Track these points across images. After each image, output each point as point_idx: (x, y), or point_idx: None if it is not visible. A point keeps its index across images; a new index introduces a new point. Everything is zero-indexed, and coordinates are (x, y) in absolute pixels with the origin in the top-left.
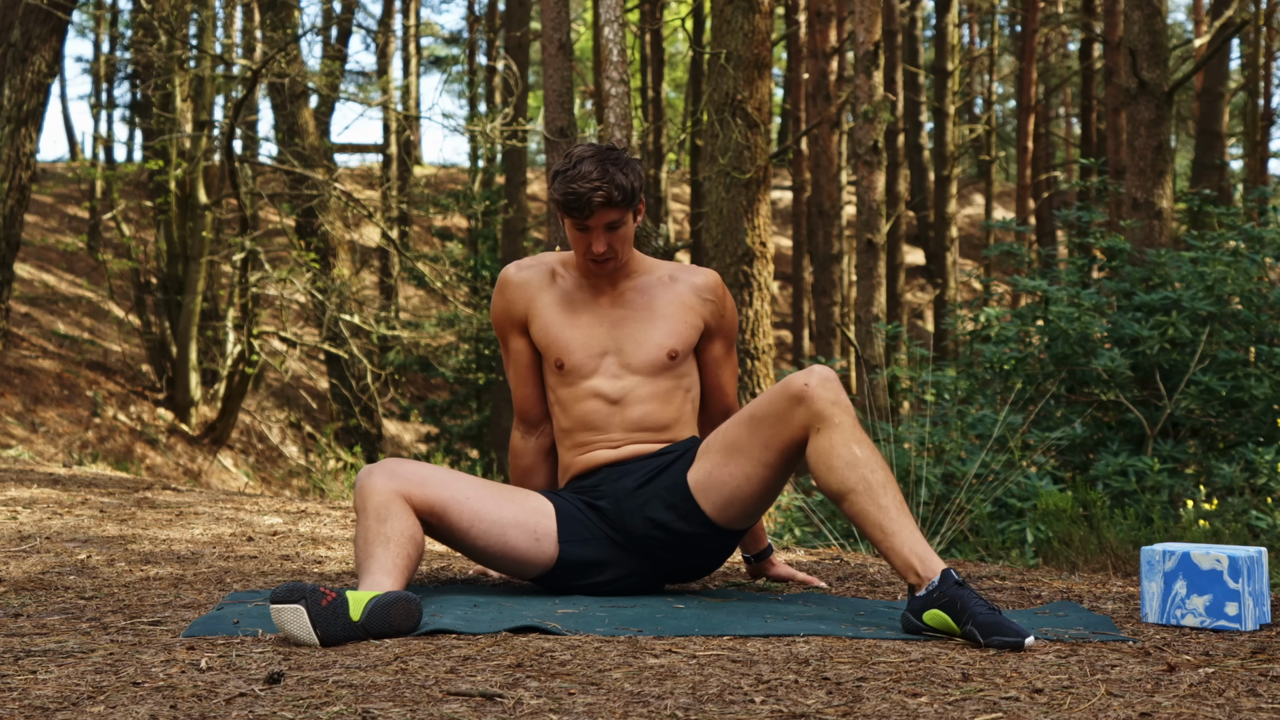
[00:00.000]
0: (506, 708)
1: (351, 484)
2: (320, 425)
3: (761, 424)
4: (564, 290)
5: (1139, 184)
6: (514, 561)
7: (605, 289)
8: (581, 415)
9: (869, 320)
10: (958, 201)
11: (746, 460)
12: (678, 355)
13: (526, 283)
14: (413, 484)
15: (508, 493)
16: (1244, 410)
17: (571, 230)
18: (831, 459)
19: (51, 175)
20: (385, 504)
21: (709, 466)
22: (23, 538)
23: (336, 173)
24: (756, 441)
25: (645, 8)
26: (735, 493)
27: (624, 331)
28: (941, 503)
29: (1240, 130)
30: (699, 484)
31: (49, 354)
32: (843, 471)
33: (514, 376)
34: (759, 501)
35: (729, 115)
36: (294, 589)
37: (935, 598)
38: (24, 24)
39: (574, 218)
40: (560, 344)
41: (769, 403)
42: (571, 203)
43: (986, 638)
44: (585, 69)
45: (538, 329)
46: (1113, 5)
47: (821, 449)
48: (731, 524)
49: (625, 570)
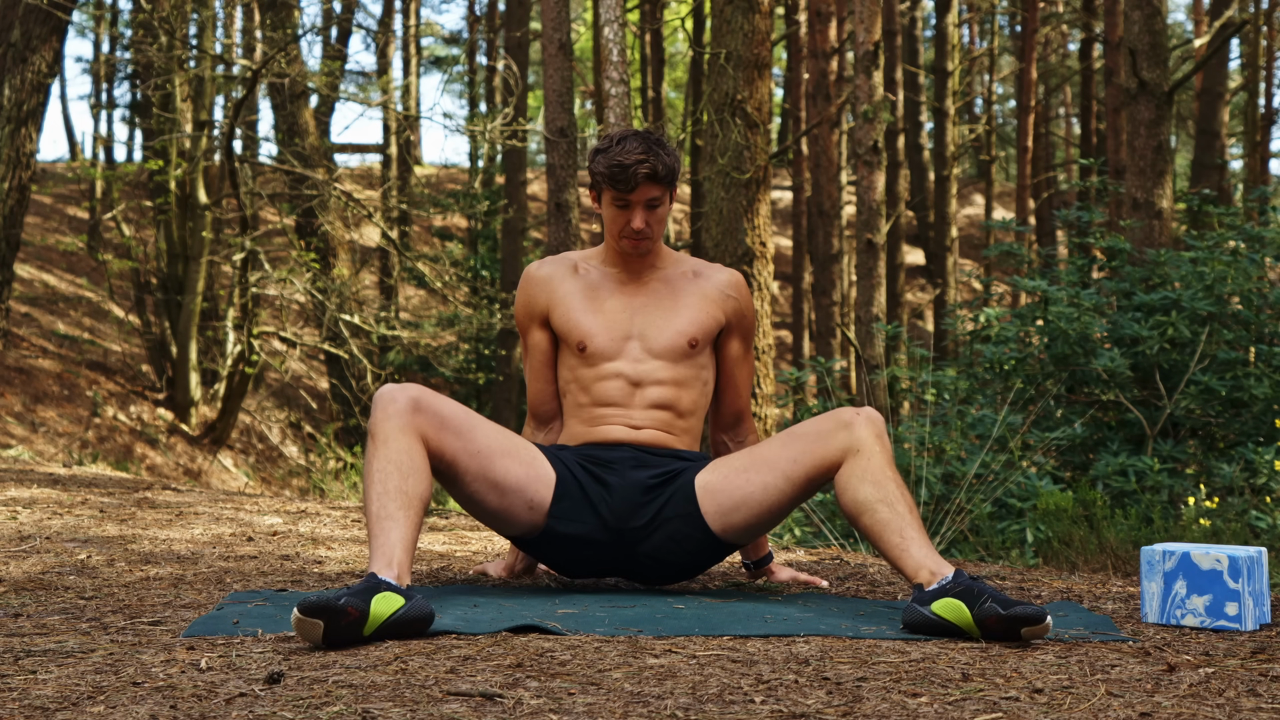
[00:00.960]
0: (506, 708)
1: (352, 484)
2: (320, 425)
3: (798, 440)
4: (587, 280)
5: (1139, 184)
6: (500, 522)
7: (629, 278)
8: (602, 393)
9: (869, 320)
10: (958, 201)
11: (769, 471)
12: (698, 344)
13: (549, 277)
14: (431, 426)
15: (515, 452)
16: (1244, 410)
17: (610, 207)
18: (860, 479)
19: (51, 175)
20: (408, 450)
21: (725, 471)
22: (23, 538)
23: (336, 173)
24: (786, 455)
25: (645, 8)
26: (745, 499)
27: (646, 318)
28: (941, 503)
29: (1240, 130)
30: (706, 485)
31: (49, 354)
32: (868, 489)
33: (530, 371)
34: (764, 515)
35: (729, 115)
36: (324, 606)
37: (949, 588)
38: (24, 24)
39: (617, 189)
40: (583, 328)
41: (812, 423)
42: (616, 174)
43: (1008, 609)
44: (585, 69)
45: (559, 317)
46: (1113, 5)
47: (853, 470)
48: (727, 532)
49: (603, 556)
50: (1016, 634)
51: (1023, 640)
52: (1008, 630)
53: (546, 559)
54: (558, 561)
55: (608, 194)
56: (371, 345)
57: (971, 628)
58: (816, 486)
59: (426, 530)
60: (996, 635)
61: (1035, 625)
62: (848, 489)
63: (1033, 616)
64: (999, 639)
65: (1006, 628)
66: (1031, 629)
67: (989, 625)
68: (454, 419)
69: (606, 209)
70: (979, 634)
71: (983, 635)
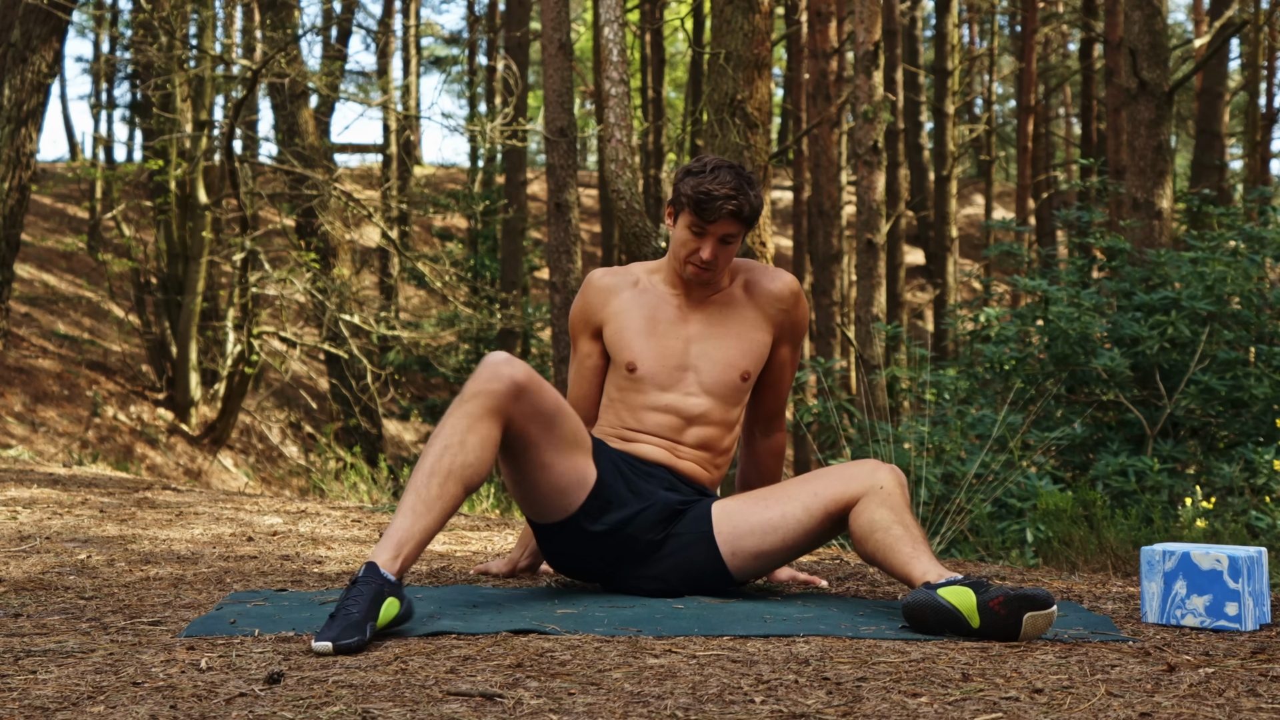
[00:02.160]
0: (506, 708)
1: (352, 485)
2: (320, 425)
3: (821, 477)
4: (645, 297)
5: (1139, 184)
6: (531, 503)
7: (688, 302)
8: (652, 423)
9: (869, 320)
10: (958, 201)
11: (788, 501)
12: (749, 377)
13: (609, 287)
14: (522, 413)
15: (582, 448)
16: (1244, 410)
17: (684, 230)
18: (877, 505)
19: (51, 175)
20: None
21: (744, 499)
22: (23, 538)
23: (336, 173)
24: (808, 489)
25: (645, 8)
26: (759, 525)
27: (701, 348)
28: (941, 503)
29: (1240, 130)
30: (724, 508)
31: (49, 354)
32: (884, 513)
33: (575, 376)
34: (776, 545)
35: (728, 115)
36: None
37: (958, 580)
38: (24, 24)
39: (698, 217)
40: (634, 348)
41: (837, 465)
42: (702, 202)
43: (1016, 590)
44: (585, 69)
45: (612, 331)
46: (1113, 5)
47: (871, 500)
48: (736, 557)
49: (610, 560)
50: (1019, 619)
51: (1025, 628)
52: (1013, 612)
53: (557, 551)
54: (568, 555)
55: (686, 216)
56: (371, 345)
57: (972, 613)
58: (833, 524)
59: None
60: (1000, 621)
61: (1041, 610)
62: (863, 513)
63: (1040, 599)
64: (1001, 626)
65: (1012, 609)
66: (1035, 615)
67: (993, 608)
68: (546, 411)
69: (680, 230)
70: (978, 621)
71: (985, 623)
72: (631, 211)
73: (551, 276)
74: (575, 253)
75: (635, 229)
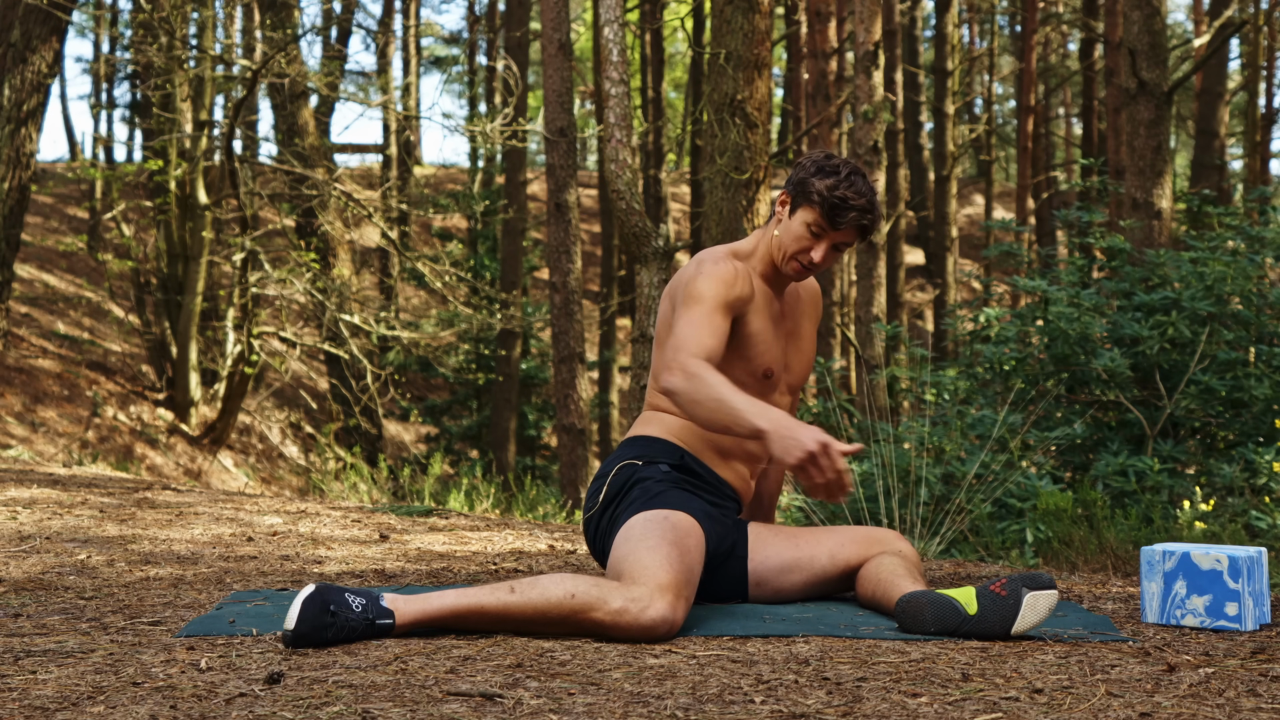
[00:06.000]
0: (506, 708)
1: (351, 485)
2: (320, 425)
3: (850, 530)
4: (760, 296)
5: (1139, 184)
6: None
7: (776, 295)
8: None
9: (869, 320)
10: (958, 201)
11: (816, 545)
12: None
13: (749, 280)
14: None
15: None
16: (1244, 410)
17: (801, 226)
18: (891, 558)
19: (51, 175)
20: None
21: (777, 534)
22: (23, 538)
23: (336, 173)
24: (835, 539)
25: (645, 8)
26: (790, 561)
27: (790, 347)
28: (941, 503)
29: (1240, 130)
30: (758, 536)
31: (49, 354)
32: (896, 563)
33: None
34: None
35: (728, 115)
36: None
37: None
38: (24, 24)
39: (825, 219)
40: (772, 354)
41: (866, 527)
42: (836, 206)
43: (1019, 574)
44: (585, 69)
45: (750, 329)
46: (1113, 5)
47: (884, 557)
48: (757, 588)
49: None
50: (1019, 598)
51: (1025, 606)
52: (1013, 592)
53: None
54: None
55: (810, 214)
56: (371, 345)
57: (970, 601)
58: (844, 579)
59: (426, 530)
60: (999, 604)
61: (1042, 590)
62: (875, 563)
63: (1043, 580)
64: (1000, 608)
65: (1013, 589)
66: (1036, 595)
67: (994, 592)
68: (695, 574)
69: (796, 225)
70: (975, 608)
71: (982, 608)
72: (631, 211)
73: (551, 276)
74: (575, 253)
75: (635, 229)
